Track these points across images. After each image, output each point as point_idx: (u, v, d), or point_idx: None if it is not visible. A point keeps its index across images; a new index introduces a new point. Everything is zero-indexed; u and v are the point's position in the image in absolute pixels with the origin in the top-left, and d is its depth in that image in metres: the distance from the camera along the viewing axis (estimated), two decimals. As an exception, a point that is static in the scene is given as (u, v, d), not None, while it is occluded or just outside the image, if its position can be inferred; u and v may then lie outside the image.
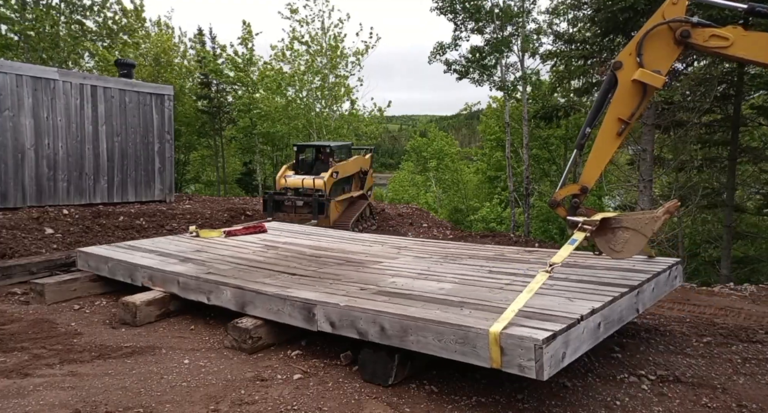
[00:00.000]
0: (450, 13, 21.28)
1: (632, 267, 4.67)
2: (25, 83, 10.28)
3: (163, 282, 5.10)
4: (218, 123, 27.77)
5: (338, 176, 11.85)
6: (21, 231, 8.39)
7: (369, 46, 23.39)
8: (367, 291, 4.13)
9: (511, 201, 24.83)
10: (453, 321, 3.25)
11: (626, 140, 19.76)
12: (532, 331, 2.98)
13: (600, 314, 3.48)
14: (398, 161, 50.15)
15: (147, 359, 4.00)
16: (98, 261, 5.81)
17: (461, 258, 5.49)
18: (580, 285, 4.10)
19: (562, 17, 20.46)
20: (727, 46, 3.62)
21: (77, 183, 11.22)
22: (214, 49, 27.07)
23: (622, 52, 3.94)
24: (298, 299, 4.00)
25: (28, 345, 4.27)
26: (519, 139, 25.24)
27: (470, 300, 3.74)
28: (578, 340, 3.21)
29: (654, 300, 4.50)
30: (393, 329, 3.45)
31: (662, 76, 3.77)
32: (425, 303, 3.72)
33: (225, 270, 5.02)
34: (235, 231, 7.40)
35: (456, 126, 59.26)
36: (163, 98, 12.94)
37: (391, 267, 5.09)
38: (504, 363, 2.98)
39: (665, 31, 3.76)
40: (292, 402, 3.34)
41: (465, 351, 3.13)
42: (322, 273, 4.89)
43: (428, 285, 4.26)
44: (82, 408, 3.19)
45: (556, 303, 3.55)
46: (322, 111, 24.08)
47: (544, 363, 2.84)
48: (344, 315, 3.71)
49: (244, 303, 4.37)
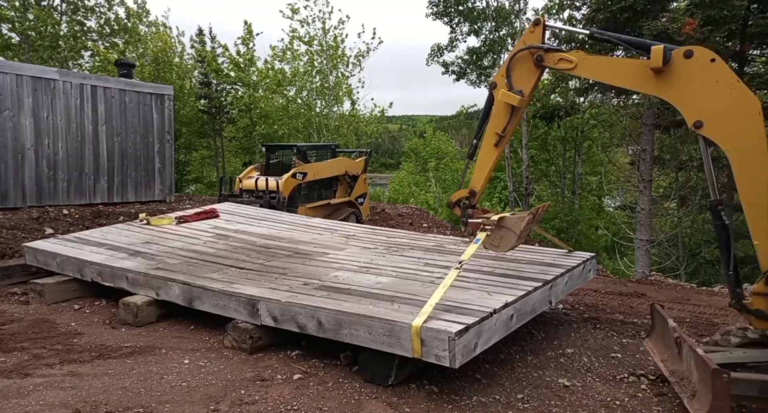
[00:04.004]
0: (445, 17, 21.34)
1: (551, 262, 5.10)
2: (25, 83, 10.27)
3: (113, 278, 5.15)
4: (218, 123, 27.77)
5: (306, 178, 10.59)
6: (21, 231, 8.39)
7: (371, 48, 23.42)
8: (309, 286, 4.37)
9: (511, 201, 24.83)
10: (381, 315, 3.53)
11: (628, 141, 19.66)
12: (447, 324, 3.31)
13: (512, 307, 3.85)
14: (398, 161, 50.09)
15: (147, 359, 4.00)
16: (46, 256, 5.78)
17: (403, 249, 5.79)
18: (501, 279, 4.49)
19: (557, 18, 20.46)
20: (572, 67, 4.06)
21: (77, 183, 11.22)
22: (213, 49, 27.07)
23: (497, 73, 4.44)
24: (243, 295, 4.19)
25: (28, 345, 4.27)
26: (518, 139, 25.24)
27: (401, 295, 4.05)
28: (491, 331, 3.58)
29: (567, 292, 5.04)
30: (329, 323, 3.71)
31: (524, 96, 4.25)
32: (360, 297, 3.99)
33: (174, 265, 5.11)
34: (187, 217, 7.20)
35: (456, 126, 59.22)
36: (163, 98, 12.94)
37: (337, 260, 5.31)
38: (424, 354, 3.29)
39: (527, 56, 4.23)
40: (292, 402, 3.34)
41: (392, 343, 3.43)
42: (269, 266, 5.06)
43: (367, 280, 4.54)
44: (82, 408, 3.19)
45: (475, 297, 3.92)
46: (322, 110, 24.08)
47: (457, 353, 3.19)
48: (285, 311, 3.94)
49: (192, 299, 4.52)
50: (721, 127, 3.45)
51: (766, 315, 3.36)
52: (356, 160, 12.71)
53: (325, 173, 11.44)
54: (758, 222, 3.35)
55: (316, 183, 11.26)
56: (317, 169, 11.15)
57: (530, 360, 4.35)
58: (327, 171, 11.54)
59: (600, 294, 7.22)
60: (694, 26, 11.07)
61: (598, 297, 7.01)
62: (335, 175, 11.86)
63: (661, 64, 3.56)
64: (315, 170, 11.03)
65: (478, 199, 4.64)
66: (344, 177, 12.07)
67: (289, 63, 24.06)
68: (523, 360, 4.35)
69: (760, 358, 3.43)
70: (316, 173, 11.07)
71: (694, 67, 3.52)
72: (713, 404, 2.88)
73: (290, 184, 10.26)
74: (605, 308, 6.31)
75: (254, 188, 10.36)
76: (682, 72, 3.57)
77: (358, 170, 12.43)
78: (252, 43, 26.07)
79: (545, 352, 4.54)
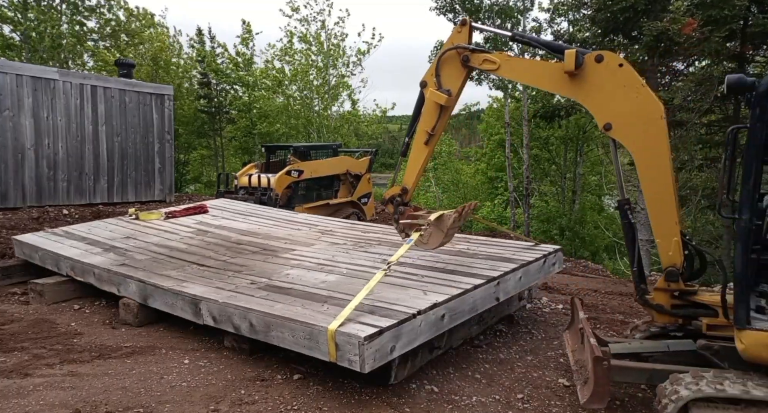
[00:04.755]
0: (450, 13, 21.27)
1: (510, 257, 5.05)
2: (25, 83, 10.27)
3: (83, 273, 5.26)
4: (218, 123, 27.77)
5: (302, 176, 10.38)
6: (21, 232, 8.38)
7: (371, 46, 23.38)
8: (255, 285, 4.38)
9: (511, 201, 24.81)
10: (302, 318, 3.49)
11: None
12: (361, 328, 3.24)
13: (444, 306, 3.75)
14: (398, 161, 50.06)
15: (147, 359, 4.00)
16: (30, 250, 5.95)
17: (371, 246, 5.78)
18: (446, 276, 4.41)
19: (563, 17, 20.42)
20: (495, 68, 4.14)
21: (77, 183, 11.21)
22: (213, 49, 27.06)
23: (426, 73, 4.45)
24: (188, 295, 4.24)
25: (28, 345, 4.26)
26: (519, 139, 25.22)
27: (338, 295, 4.00)
28: (413, 333, 3.47)
29: (523, 287, 4.89)
30: (259, 325, 3.70)
31: (451, 95, 4.32)
32: (296, 298, 3.96)
33: (139, 261, 5.20)
34: (176, 212, 7.28)
35: (456, 126, 59.22)
36: (163, 98, 12.93)
37: (298, 257, 5.34)
38: (338, 358, 3.25)
39: (454, 56, 4.29)
40: (292, 402, 3.34)
41: (311, 346, 3.40)
42: (229, 264, 5.12)
43: (314, 278, 4.51)
44: (82, 408, 3.19)
45: (408, 297, 3.84)
46: (322, 110, 24.05)
47: (367, 357, 3.13)
48: (222, 311, 3.97)
49: (147, 296, 4.61)
50: (627, 130, 3.55)
51: (665, 310, 3.50)
52: (360, 160, 12.42)
53: (323, 171, 11.14)
54: (659, 222, 3.48)
55: (315, 182, 11.02)
56: (315, 166, 10.88)
57: (530, 360, 4.35)
58: (325, 169, 11.25)
59: (600, 294, 7.22)
60: (695, 26, 11.06)
61: (598, 297, 7.01)
62: (336, 174, 11.57)
63: (573, 67, 3.66)
64: (312, 168, 10.77)
65: (410, 196, 4.71)
66: (346, 176, 11.77)
67: (289, 63, 24.03)
68: (523, 360, 4.35)
69: (654, 349, 3.61)
70: (314, 171, 10.81)
71: (604, 71, 3.62)
72: (595, 390, 3.06)
73: (283, 181, 10.08)
74: (605, 308, 6.31)
75: (248, 185, 10.31)
76: (594, 76, 3.67)
77: (361, 169, 12.09)
78: (252, 43, 26.06)
79: (545, 352, 4.54)
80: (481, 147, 39.42)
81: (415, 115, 4.58)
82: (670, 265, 3.41)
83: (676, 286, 3.42)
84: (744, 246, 2.89)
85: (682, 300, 3.46)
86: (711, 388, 2.85)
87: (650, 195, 3.51)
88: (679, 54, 11.99)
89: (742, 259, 2.89)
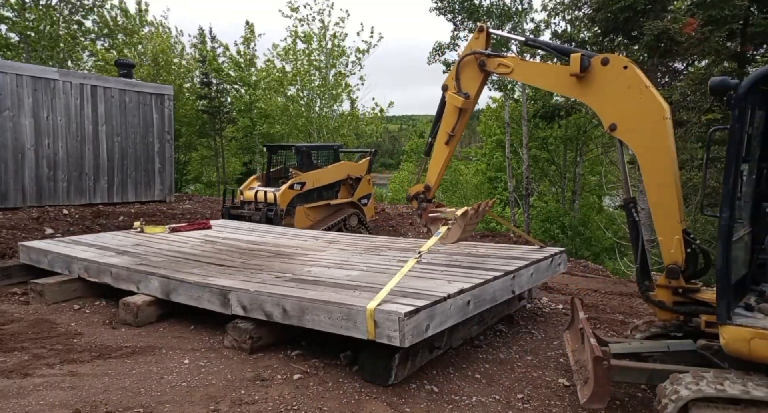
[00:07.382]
0: (449, 13, 21.25)
1: (519, 256, 5.30)
2: (25, 83, 10.28)
3: (98, 274, 5.33)
4: (218, 123, 27.75)
5: (304, 187, 10.48)
6: (21, 231, 8.39)
7: (371, 45, 23.37)
8: (281, 278, 4.51)
9: (511, 201, 24.80)
10: (340, 300, 3.68)
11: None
12: (399, 306, 3.43)
13: (469, 293, 3.97)
14: (398, 161, 50.07)
15: (147, 359, 4.00)
16: (38, 254, 6.02)
17: (382, 250, 5.95)
18: (465, 270, 4.63)
19: (561, 17, 20.40)
20: (509, 72, 4.32)
21: (77, 183, 11.22)
22: (214, 49, 27.05)
23: (447, 77, 4.70)
24: (215, 286, 4.34)
25: (28, 345, 4.27)
26: (519, 139, 25.21)
27: (366, 284, 4.17)
28: (444, 315, 3.68)
29: (535, 283, 5.24)
30: (293, 310, 3.84)
31: (469, 98, 4.57)
32: (326, 287, 4.14)
33: (157, 262, 5.29)
34: (180, 227, 7.57)
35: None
36: (163, 98, 12.94)
37: (314, 259, 5.48)
38: (377, 335, 3.40)
39: (472, 61, 4.52)
40: (292, 402, 3.34)
41: (348, 326, 3.55)
42: (248, 264, 5.22)
43: (338, 273, 4.67)
44: (82, 408, 3.19)
45: (435, 285, 4.04)
46: (322, 109, 24.04)
47: (407, 332, 3.31)
48: (254, 300, 4.07)
49: (169, 292, 4.69)
50: (631, 130, 3.64)
51: (667, 307, 3.54)
52: (359, 163, 12.41)
53: (325, 180, 11.17)
54: (662, 220, 3.54)
55: (319, 187, 11.05)
56: (316, 177, 10.89)
57: (530, 360, 4.36)
58: (327, 178, 11.24)
59: (600, 294, 7.22)
60: (695, 26, 11.06)
61: (598, 297, 7.01)
62: (341, 179, 11.67)
63: (579, 70, 3.78)
64: (314, 178, 10.78)
65: (433, 193, 4.94)
66: (347, 180, 11.81)
67: (291, 63, 24.02)
68: (523, 360, 4.35)
69: (654, 349, 3.64)
70: (316, 181, 10.84)
71: (610, 73, 3.73)
72: (595, 390, 3.08)
73: (287, 195, 10.21)
74: (605, 308, 6.32)
75: (255, 199, 10.44)
76: (600, 78, 3.79)
77: (361, 172, 12.08)
78: (254, 43, 26.06)
79: (545, 352, 4.54)
80: (480, 147, 39.42)
81: (438, 116, 4.81)
82: (672, 263, 3.47)
83: (677, 283, 3.47)
84: (725, 243, 2.95)
85: (684, 297, 3.50)
86: (711, 388, 2.86)
87: (652, 194, 3.56)
88: (679, 53, 11.98)
89: (722, 257, 2.95)
